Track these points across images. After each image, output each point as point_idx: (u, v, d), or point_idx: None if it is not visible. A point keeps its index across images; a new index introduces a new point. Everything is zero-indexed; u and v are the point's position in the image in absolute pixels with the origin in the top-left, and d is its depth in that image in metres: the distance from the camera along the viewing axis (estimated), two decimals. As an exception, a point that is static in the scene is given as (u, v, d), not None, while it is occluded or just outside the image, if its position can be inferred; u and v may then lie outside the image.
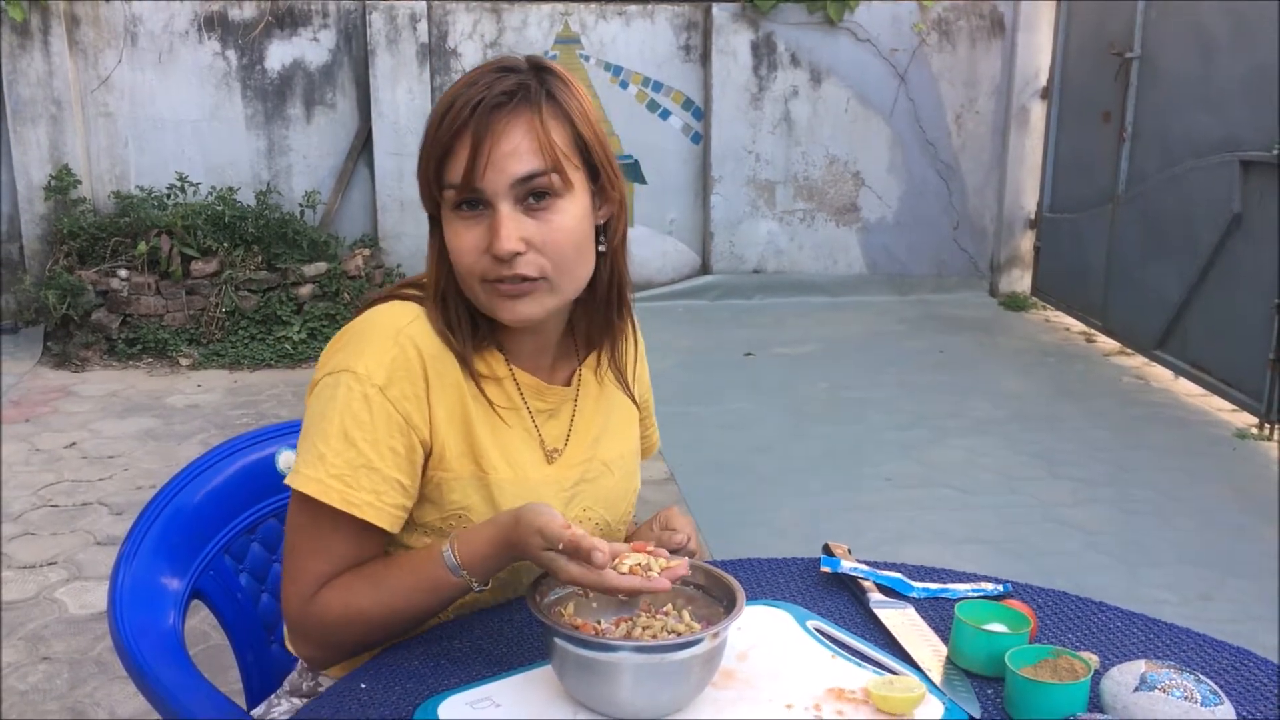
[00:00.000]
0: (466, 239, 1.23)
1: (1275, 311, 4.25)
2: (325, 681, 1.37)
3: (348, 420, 1.22)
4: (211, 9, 5.80)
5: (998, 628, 1.21)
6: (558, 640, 1.09)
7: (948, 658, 1.22)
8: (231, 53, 5.86)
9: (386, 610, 1.23)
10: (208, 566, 1.51)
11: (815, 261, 6.52)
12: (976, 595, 1.35)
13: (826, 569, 1.41)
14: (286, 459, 1.60)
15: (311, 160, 6.02)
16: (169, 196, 5.73)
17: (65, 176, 5.63)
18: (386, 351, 1.25)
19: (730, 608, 1.13)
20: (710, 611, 1.17)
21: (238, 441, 1.61)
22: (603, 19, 6.12)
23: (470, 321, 1.29)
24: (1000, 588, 1.37)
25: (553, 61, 1.29)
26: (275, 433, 1.63)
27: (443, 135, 1.22)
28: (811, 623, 1.27)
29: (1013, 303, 6.41)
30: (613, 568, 1.12)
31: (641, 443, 1.52)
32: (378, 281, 5.75)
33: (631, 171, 6.24)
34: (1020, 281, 6.54)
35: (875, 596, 1.35)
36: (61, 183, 5.61)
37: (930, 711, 1.10)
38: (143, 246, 5.39)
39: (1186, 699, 1.06)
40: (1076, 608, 1.35)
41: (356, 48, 5.95)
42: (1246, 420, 4.49)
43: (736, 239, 6.43)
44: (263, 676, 1.56)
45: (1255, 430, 4.38)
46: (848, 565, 1.40)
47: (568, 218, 1.23)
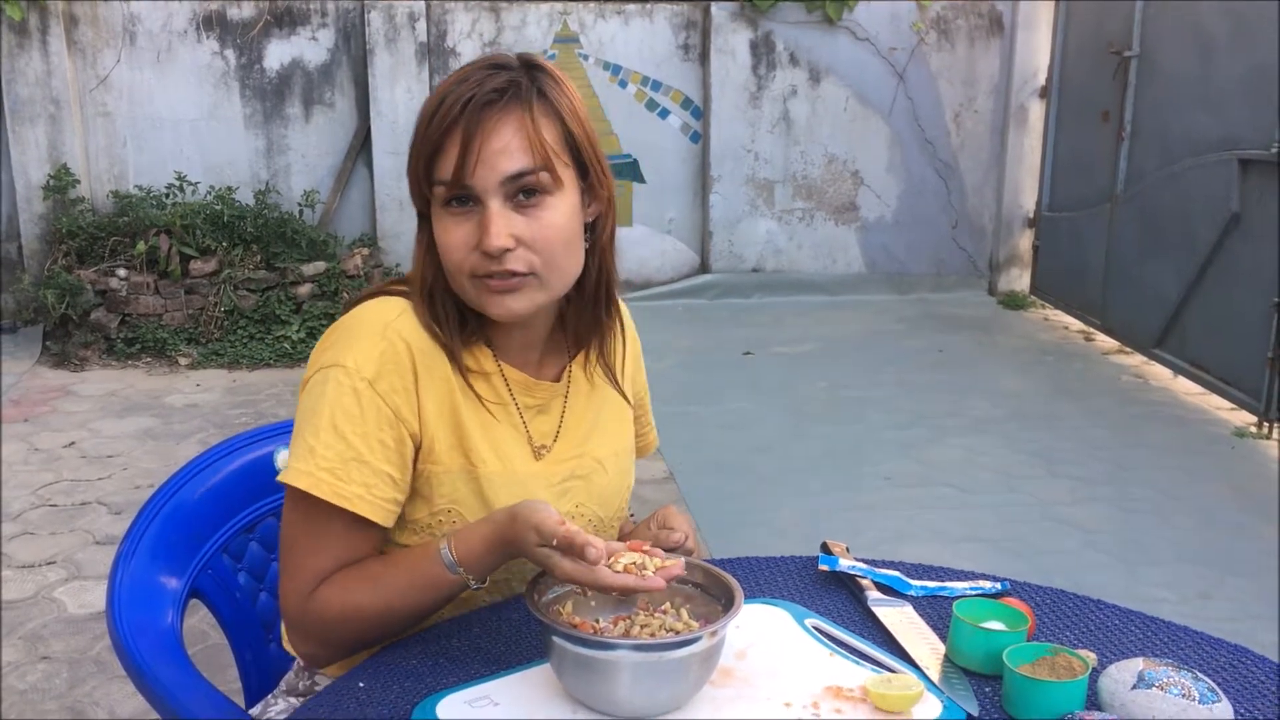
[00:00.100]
0: (456, 235, 1.24)
1: (1274, 310, 4.25)
2: (322, 680, 1.37)
3: (338, 414, 1.23)
4: (210, 8, 5.80)
5: (996, 626, 1.21)
6: (556, 639, 1.09)
7: (946, 656, 1.22)
8: (230, 52, 5.86)
9: (384, 607, 1.23)
10: (206, 565, 1.52)
11: (814, 261, 6.52)
12: (974, 593, 1.35)
13: (825, 567, 1.41)
14: (284, 458, 1.60)
15: (310, 159, 6.02)
16: (168, 196, 5.73)
17: (64, 176, 5.62)
18: (375, 346, 1.25)
19: (728, 606, 1.13)
20: (708, 610, 1.17)
21: (236, 440, 1.61)
22: (601, 18, 6.11)
23: (458, 317, 1.30)
24: (998, 586, 1.37)
25: (544, 59, 1.29)
26: (274, 432, 1.63)
27: (433, 132, 1.22)
28: (810, 621, 1.28)
29: (1011, 301, 6.41)
30: (608, 566, 1.12)
31: (637, 441, 1.52)
32: (376, 281, 5.75)
33: (630, 171, 6.23)
34: (1019, 280, 6.54)
35: (873, 595, 1.35)
36: (60, 182, 5.61)
37: (928, 710, 1.10)
38: (141, 246, 5.39)
39: (1184, 696, 1.06)
40: (1074, 606, 1.35)
41: (355, 47, 5.95)
42: (1245, 419, 4.49)
43: (735, 238, 6.42)
44: (261, 675, 1.56)
45: (1254, 429, 4.38)
46: (846, 563, 1.40)
47: (557, 215, 1.24)
